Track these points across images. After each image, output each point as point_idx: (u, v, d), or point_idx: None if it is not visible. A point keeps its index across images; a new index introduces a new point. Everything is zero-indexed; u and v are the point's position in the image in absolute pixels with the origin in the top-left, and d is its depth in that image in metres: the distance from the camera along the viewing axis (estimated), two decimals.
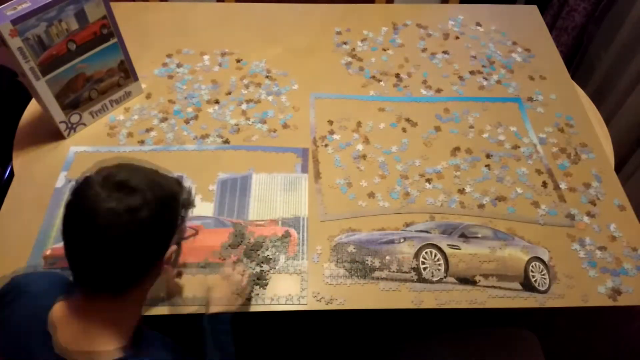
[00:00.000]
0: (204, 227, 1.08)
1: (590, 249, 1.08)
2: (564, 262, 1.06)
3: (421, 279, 1.03)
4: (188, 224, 0.80)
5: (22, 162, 1.18)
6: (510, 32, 1.53)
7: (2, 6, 1.00)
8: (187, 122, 1.27)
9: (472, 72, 1.42)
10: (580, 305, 1.01)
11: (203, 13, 1.55)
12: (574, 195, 1.17)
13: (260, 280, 1.00)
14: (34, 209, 1.09)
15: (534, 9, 1.63)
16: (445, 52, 1.47)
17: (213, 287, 0.93)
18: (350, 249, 1.06)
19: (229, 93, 1.34)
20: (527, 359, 1.17)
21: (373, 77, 1.40)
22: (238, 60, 1.42)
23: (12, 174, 1.16)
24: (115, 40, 1.17)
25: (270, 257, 1.04)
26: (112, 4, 1.12)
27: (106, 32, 1.15)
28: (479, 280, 1.03)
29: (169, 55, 1.42)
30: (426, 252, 1.06)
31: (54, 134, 1.21)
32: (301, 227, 1.09)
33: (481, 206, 1.14)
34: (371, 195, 1.15)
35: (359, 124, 1.28)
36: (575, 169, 1.22)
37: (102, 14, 1.11)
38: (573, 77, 1.46)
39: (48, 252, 1.03)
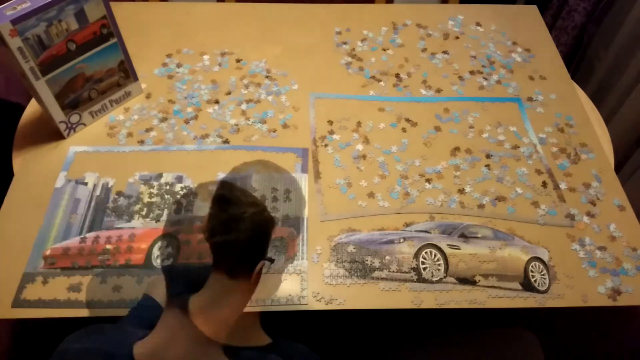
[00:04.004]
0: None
1: (590, 249, 1.08)
2: (564, 262, 1.06)
3: (421, 279, 1.03)
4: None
5: (22, 162, 1.18)
6: (510, 32, 1.53)
7: (2, 6, 1.00)
8: (187, 122, 1.27)
9: (472, 72, 1.42)
10: (580, 305, 1.01)
11: (203, 13, 1.55)
12: (573, 195, 1.17)
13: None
14: (34, 209, 1.09)
15: (534, 9, 1.63)
16: (445, 52, 1.47)
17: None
18: (350, 249, 1.06)
19: (229, 93, 1.34)
20: (527, 359, 1.17)
21: (373, 77, 1.40)
22: (238, 60, 1.42)
23: (12, 174, 1.16)
24: (115, 40, 1.17)
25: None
26: (112, 4, 1.12)
27: (106, 32, 1.15)
28: (479, 280, 1.03)
29: (168, 55, 1.42)
30: (426, 252, 1.06)
31: (53, 134, 1.21)
32: (301, 227, 1.09)
33: (481, 206, 1.14)
34: (371, 195, 1.15)
35: (358, 124, 1.28)
36: (575, 169, 1.22)
37: (102, 14, 1.11)
38: (573, 77, 1.46)
39: (48, 252, 1.03)
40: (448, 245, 1.07)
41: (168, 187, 1.14)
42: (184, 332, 0.73)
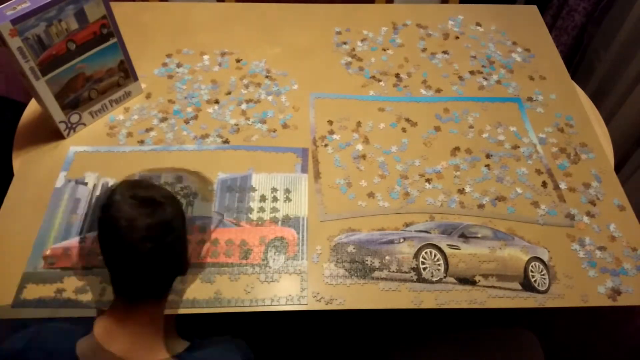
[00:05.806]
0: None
1: (590, 249, 1.08)
2: (564, 262, 1.06)
3: (421, 279, 1.03)
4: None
5: (21, 162, 1.18)
6: (510, 32, 1.53)
7: (2, 6, 1.00)
8: (187, 122, 1.27)
9: (472, 72, 1.42)
10: (580, 305, 1.01)
11: (203, 13, 1.55)
12: (573, 195, 1.17)
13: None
14: (34, 209, 1.09)
15: (534, 9, 1.63)
16: (445, 52, 1.47)
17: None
18: (350, 249, 1.06)
19: (229, 93, 1.34)
20: (527, 359, 1.17)
21: (373, 77, 1.40)
22: (238, 60, 1.42)
23: (12, 174, 1.16)
24: (115, 40, 1.17)
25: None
26: (112, 4, 1.12)
27: (106, 32, 1.15)
28: (479, 280, 1.03)
29: (168, 55, 1.42)
30: (426, 252, 1.06)
31: (53, 134, 1.21)
32: (301, 227, 1.09)
33: (481, 206, 1.14)
34: (371, 195, 1.15)
35: (358, 124, 1.28)
36: (575, 169, 1.22)
37: (102, 14, 1.11)
38: (573, 77, 1.46)
39: (48, 252, 1.03)
40: (448, 245, 1.07)
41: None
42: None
